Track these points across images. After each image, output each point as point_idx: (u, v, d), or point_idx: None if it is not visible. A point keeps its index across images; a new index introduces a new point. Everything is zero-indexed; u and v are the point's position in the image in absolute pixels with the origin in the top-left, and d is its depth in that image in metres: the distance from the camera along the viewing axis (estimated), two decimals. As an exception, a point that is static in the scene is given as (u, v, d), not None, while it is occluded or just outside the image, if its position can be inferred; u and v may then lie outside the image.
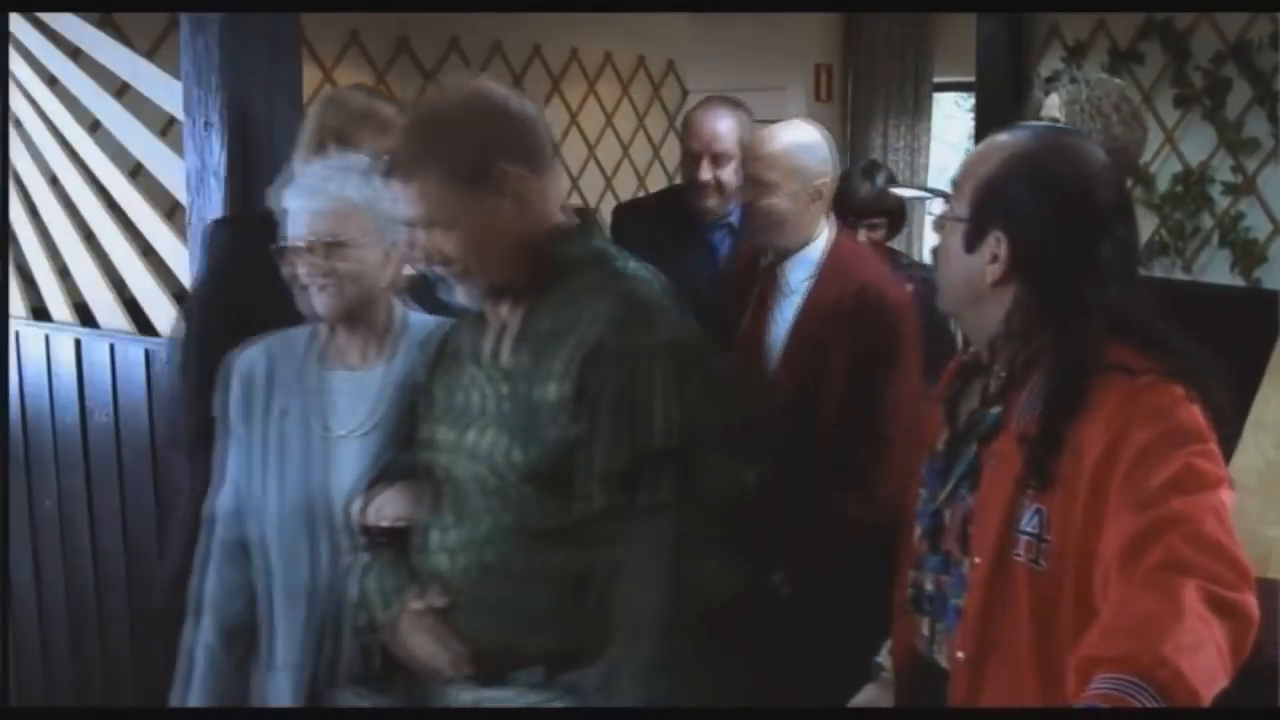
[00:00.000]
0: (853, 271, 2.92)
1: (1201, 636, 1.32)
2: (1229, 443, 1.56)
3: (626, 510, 1.80)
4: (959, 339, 2.17)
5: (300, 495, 2.14)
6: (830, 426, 2.82)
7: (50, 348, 3.25)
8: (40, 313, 3.40)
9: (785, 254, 2.93)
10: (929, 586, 1.79)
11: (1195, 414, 1.55)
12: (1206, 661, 1.31)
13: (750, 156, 2.98)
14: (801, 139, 2.95)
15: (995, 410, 1.69)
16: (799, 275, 2.92)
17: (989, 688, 1.64)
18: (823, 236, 2.94)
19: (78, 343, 3.18)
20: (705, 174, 3.34)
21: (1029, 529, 1.60)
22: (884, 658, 1.94)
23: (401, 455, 2.05)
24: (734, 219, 3.34)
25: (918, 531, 1.82)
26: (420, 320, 2.23)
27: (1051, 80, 3.70)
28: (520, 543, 1.86)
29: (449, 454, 1.92)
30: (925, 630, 1.79)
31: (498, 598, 1.86)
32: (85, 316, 3.28)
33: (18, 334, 3.34)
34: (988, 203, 1.68)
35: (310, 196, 2.11)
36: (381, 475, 2.06)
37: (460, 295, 1.89)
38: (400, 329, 2.21)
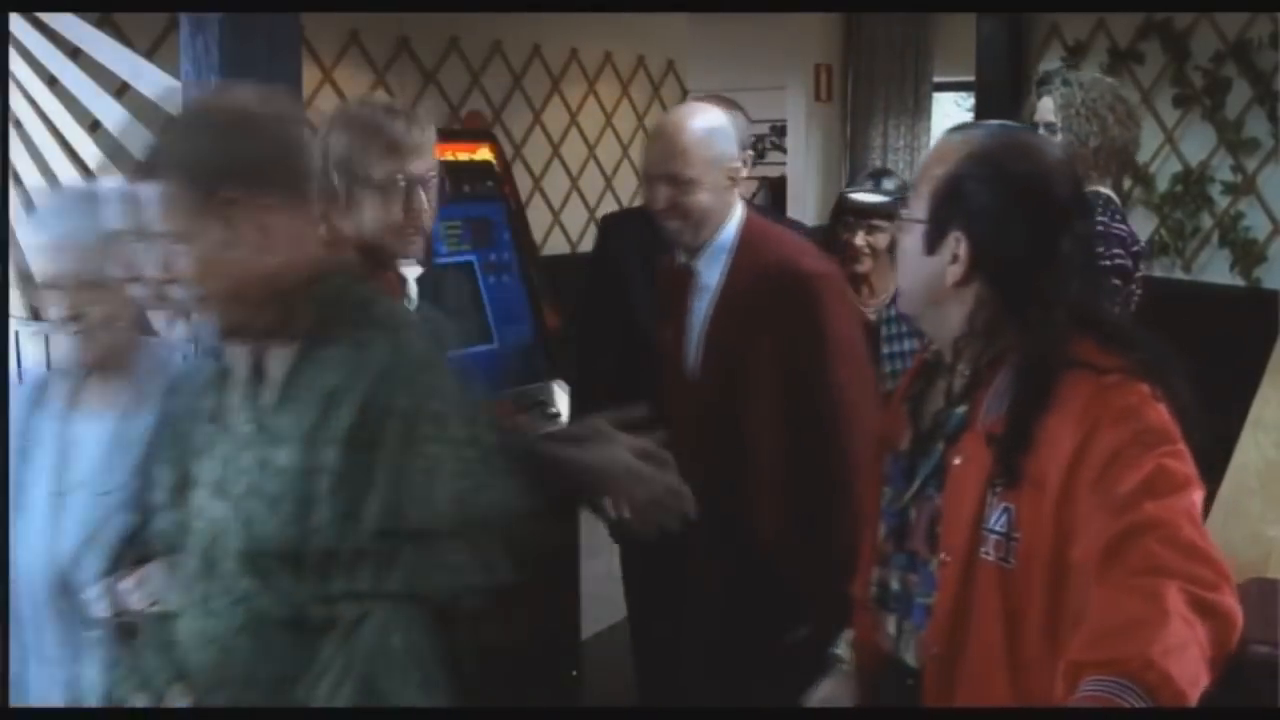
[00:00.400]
0: (765, 251, 2.72)
1: (1185, 638, 1.33)
2: (1194, 438, 1.56)
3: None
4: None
5: (33, 557, 1.91)
6: (765, 438, 2.61)
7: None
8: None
9: (699, 249, 2.75)
10: (895, 585, 1.80)
11: (1163, 413, 1.57)
12: (1191, 662, 1.32)
13: (664, 154, 2.72)
14: (713, 124, 2.75)
15: (960, 409, 1.70)
16: (712, 269, 2.74)
17: (960, 683, 1.65)
18: (733, 221, 2.76)
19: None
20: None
21: (997, 527, 1.61)
22: (842, 649, 1.94)
23: (152, 520, 1.78)
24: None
25: (882, 530, 1.83)
26: (175, 361, 2.00)
27: (1044, 83, 3.68)
28: (279, 636, 1.61)
29: (197, 524, 1.67)
30: (891, 628, 1.80)
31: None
32: (85, 316, 3.27)
33: (17, 334, 3.34)
34: (946, 203, 1.68)
35: (48, 231, 1.94)
36: (132, 544, 1.85)
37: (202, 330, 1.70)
38: (154, 370, 1.99)
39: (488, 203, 3.81)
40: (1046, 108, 3.47)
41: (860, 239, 3.29)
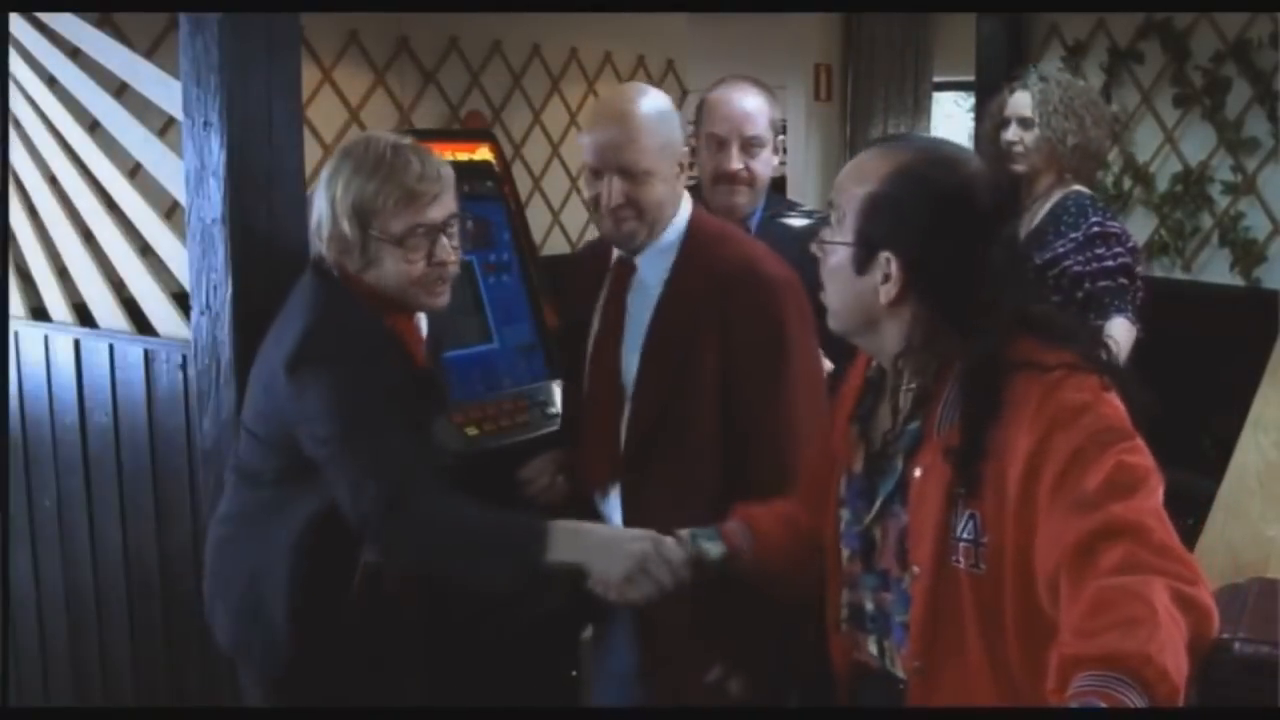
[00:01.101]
0: (719, 250, 2.48)
1: (1174, 634, 1.35)
2: (1143, 422, 1.57)
3: None
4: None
5: None
6: (705, 451, 2.42)
7: (49, 348, 3.24)
8: (39, 313, 3.40)
9: (642, 245, 2.51)
10: (869, 605, 1.80)
11: (1116, 405, 1.58)
12: (1180, 657, 1.34)
13: (614, 143, 2.46)
14: (660, 107, 2.53)
15: (914, 425, 1.71)
16: (656, 266, 2.50)
17: (943, 692, 1.66)
18: (682, 216, 2.53)
19: (77, 343, 3.17)
20: (735, 163, 3.04)
21: (965, 535, 1.62)
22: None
23: None
24: (754, 223, 3.01)
25: (845, 553, 1.83)
26: None
27: (1015, 79, 3.69)
28: None
29: None
30: (873, 648, 1.81)
31: None
32: (84, 316, 3.27)
33: (17, 334, 3.34)
34: (873, 223, 1.68)
35: None
36: None
37: None
38: None
39: (487, 203, 3.81)
40: (1023, 103, 3.48)
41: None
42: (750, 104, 3.00)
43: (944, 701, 1.66)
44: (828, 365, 2.66)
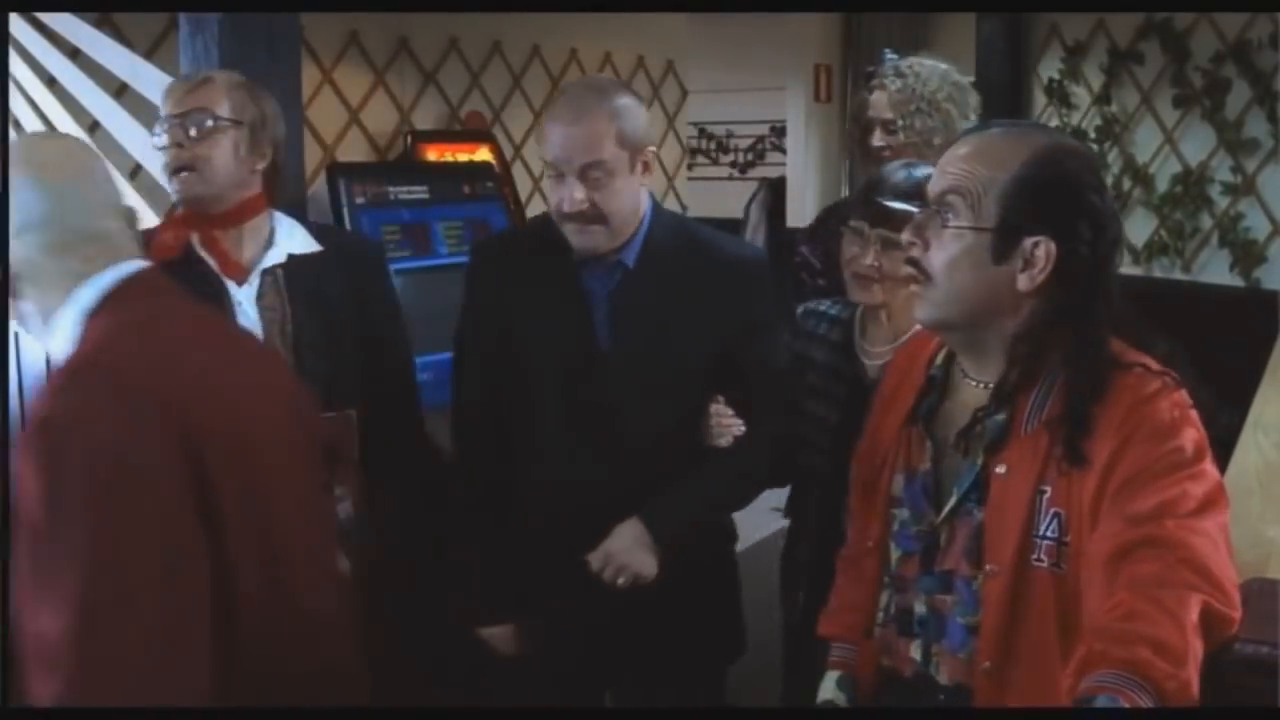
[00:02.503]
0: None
1: (1196, 651, 1.38)
2: (1224, 441, 1.58)
3: None
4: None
5: None
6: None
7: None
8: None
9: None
10: (920, 608, 1.76)
11: (1197, 431, 1.57)
12: (1197, 673, 1.37)
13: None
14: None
15: (999, 419, 1.67)
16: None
17: (1013, 693, 1.63)
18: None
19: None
20: (574, 197, 2.31)
21: (1049, 534, 1.59)
22: (831, 693, 1.89)
23: None
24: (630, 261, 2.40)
25: (897, 555, 1.80)
26: None
27: (872, 76, 3.34)
28: None
29: None
30: (915, 653, 1.77)
31: None
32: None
33: (17, 334, 3.34)
34: (1021, 207, 1.62)
35: None
36: None
37: None
38: None
39: (487, 203, 3.82)
40: (881, 103, 3.17)
41: (871, 257, 2.38)
42: (588, 123, 2.24)
43: (1015, 703, 1.63)
44: None
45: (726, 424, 2.39)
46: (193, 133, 2.33)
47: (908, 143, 3.10)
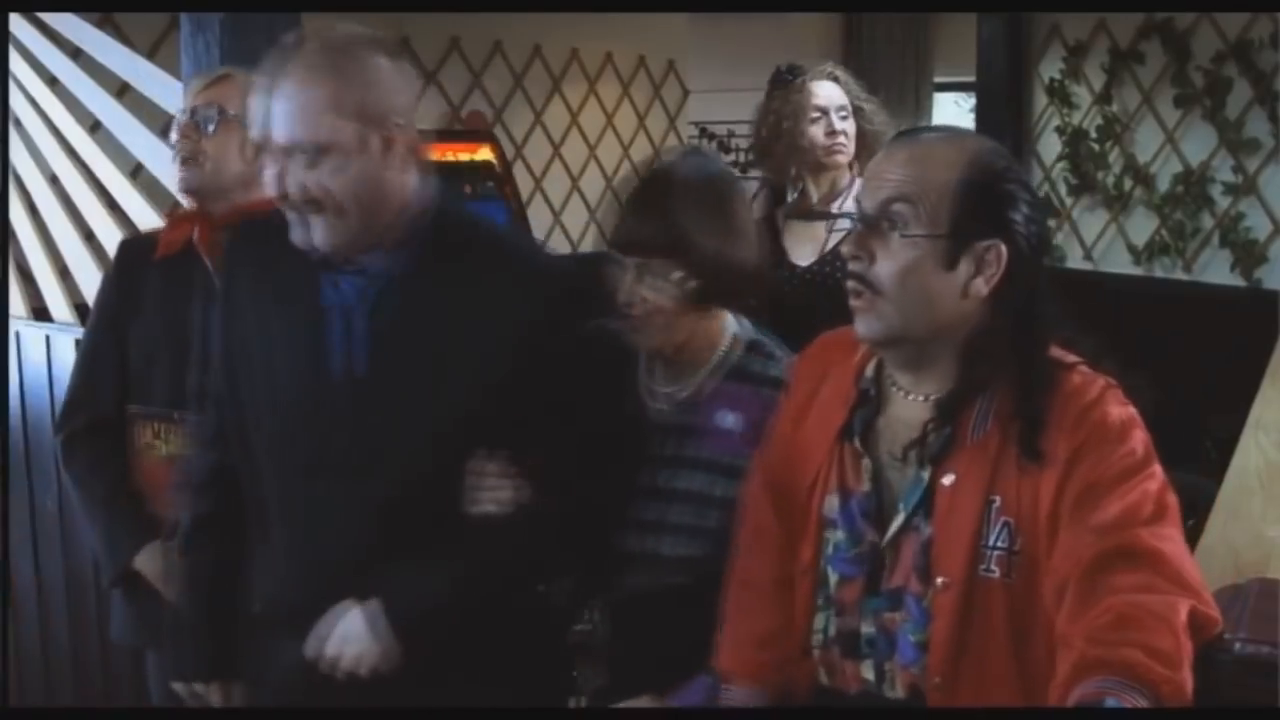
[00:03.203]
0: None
1: (1188, 653, 1.39)
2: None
3: None
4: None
5: None
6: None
7: (51, 348, 3.24)
8: (41, 313, 3.40)
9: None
10: (867, 629, 1.70)
11: (1143, 429, 1.57)
12: (1190, 674, 1.38)
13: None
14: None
15: (945, 430, 1.63)
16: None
17: (965, 704, 1.62)
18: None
19: (78, 343, 3.17)
20: (288, 182, 1.84)
21: (999, 544, 1.57)
22: None
23: None
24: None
25: (835, 578, 1.72)
26: None
27: (793, 74, 3.18)
28: None
29: None
30: (868, 673, 1.71)
31: None
32: (85, 317, 3.27)
33: (18, 334, 3.34)
34: (973, 211, 1.58)
35: None
36: None
37: None
38: None
39: (488, 203, 3.82)
40: (834, 93, 3.10)
41: (625, 291, 2.00)
42: (302, 97, 1.77)
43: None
44: None
45: (489, 488, 1.89)
46: (202, 128, 2.34)
47: (873, 131, 3.06)
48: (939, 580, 1.61)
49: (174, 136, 2.41)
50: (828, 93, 3.10)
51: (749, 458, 1.91)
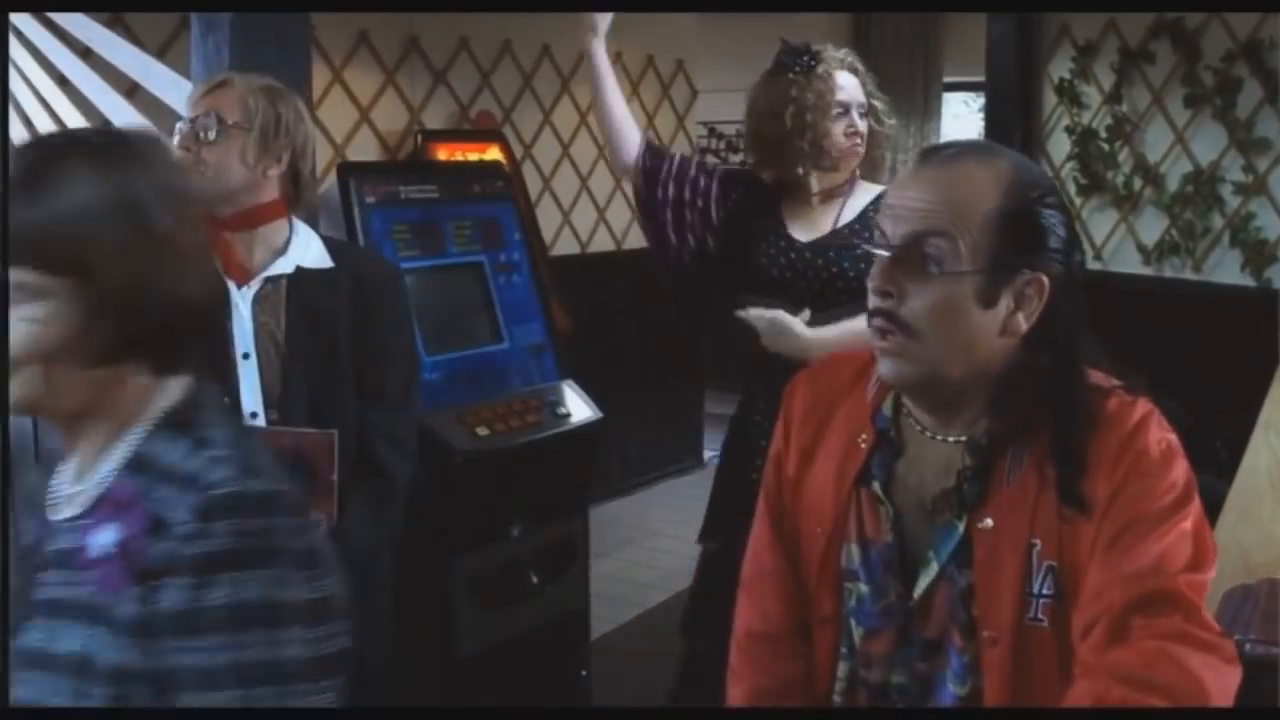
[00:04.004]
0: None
1: (1209, 701, 1.36)
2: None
3: None
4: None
5: None
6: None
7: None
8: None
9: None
10: (898, 679, 1.61)
11: (1183, 457, 1.49)
12: None
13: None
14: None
15: (977, 478, 1.52)
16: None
17: None
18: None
19: (88, 342, 3.18)
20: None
21: (1045, 590, 1.47)
22: None
23: None
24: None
25: (859, 631, 1.63)
26: None
27: (809, 56, 2.91)
28: None
29: None
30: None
31: None
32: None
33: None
34: (1013, 243, 1.46)
35: None
36: None
37: None
38: None
39: (497, 203, 3.82)
40: (854, 86, 2.87)
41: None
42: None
43: None
44: None
45: None
46: (201, 136, 2.33)
47: (882, 132, 2.89)
48: (986, 634, 1.50)
49: (175, 145, 2.39)
50: (851, 87, 2.85)
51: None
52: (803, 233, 2.86)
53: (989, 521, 1.50)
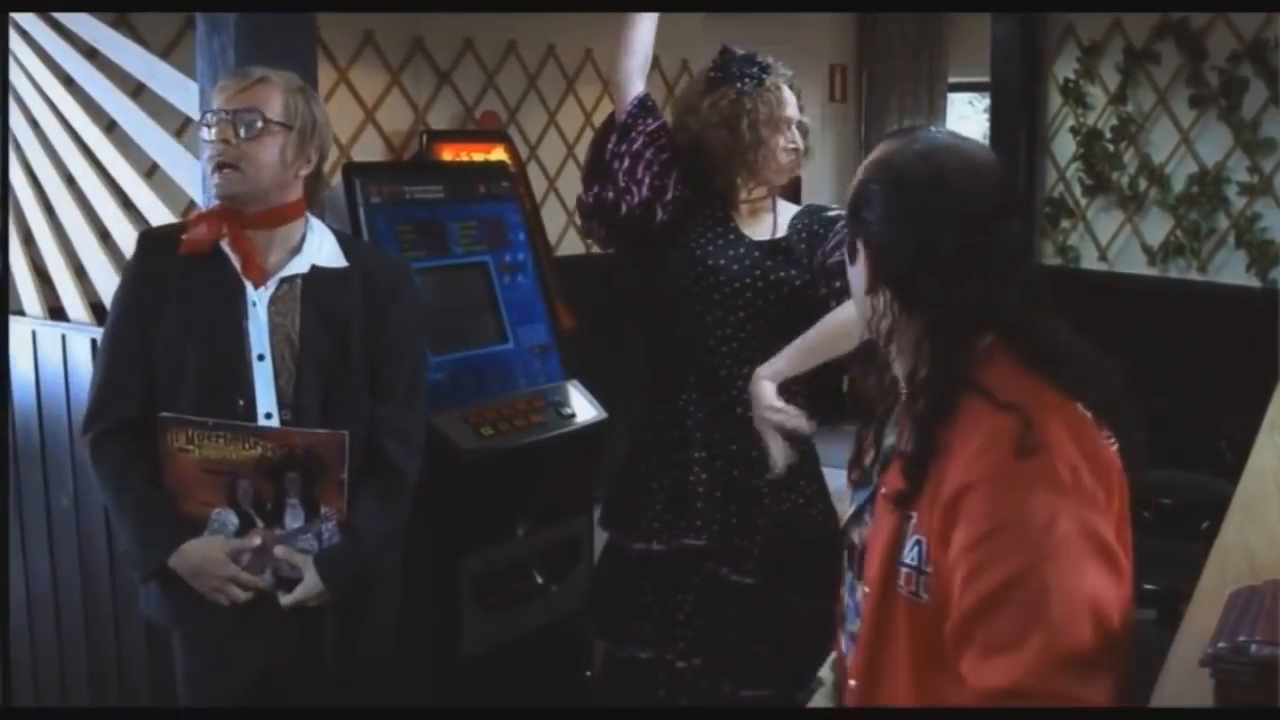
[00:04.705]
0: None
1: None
2: (1136, 472, 1.53)
3: None
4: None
5: None
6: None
7: (67, 347, 3.26)
8: (57, 313, 3.42)
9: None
10: (840, 608, 1.78)
11: (1061, 478, 1.45)
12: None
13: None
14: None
15: (891, 440, 1.66)
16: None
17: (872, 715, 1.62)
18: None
19: (94, 342, 3.18)
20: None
21: (909, 560, 1.54)
22: (824, 671, 1.88)
23: None
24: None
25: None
26: None
27: (760, 67, 2.91)
28: None
29: None
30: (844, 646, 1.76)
31: None
32: (101, 316, 3.28)
33: (34, 334, 3.36)
34: (853, 212, 1.66)
35: None
36: None
37: None
38: None
39: (502, 203, 3.81)
40: (794, 104, 2.87)
41: None
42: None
43: None
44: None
45: None
46: (242, 132, 2.31)
47: (802, 152, 2.90)
48: (864, 586, 1.64)
49: (208, 137, 2.37)
50: (793, 102, 2.86)
51: None
52: (754, 231, 2.89)
53: (884, 488, 1.62)
